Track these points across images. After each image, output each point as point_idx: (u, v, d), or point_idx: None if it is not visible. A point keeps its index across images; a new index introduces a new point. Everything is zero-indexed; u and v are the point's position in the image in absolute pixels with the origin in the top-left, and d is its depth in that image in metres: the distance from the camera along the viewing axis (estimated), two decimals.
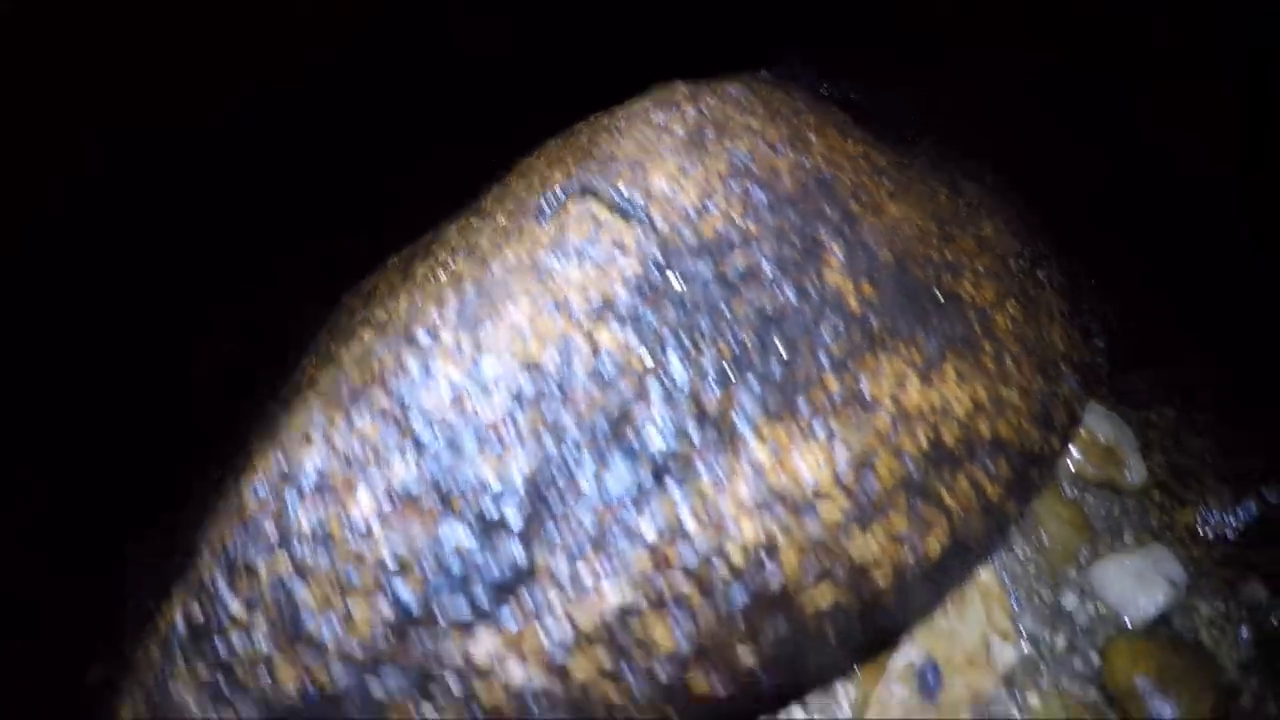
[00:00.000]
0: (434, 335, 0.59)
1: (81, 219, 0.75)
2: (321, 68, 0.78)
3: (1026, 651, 0.85)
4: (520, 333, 0.59)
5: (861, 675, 0.83)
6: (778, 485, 0.55)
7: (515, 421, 0.56)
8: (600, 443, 0.55)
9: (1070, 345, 0.92)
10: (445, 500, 0.55)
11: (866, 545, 0.58)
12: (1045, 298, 0.94)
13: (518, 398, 0.56)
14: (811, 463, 0.57)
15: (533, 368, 0.57)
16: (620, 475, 0.54)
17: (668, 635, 0.54)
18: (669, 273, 0.61)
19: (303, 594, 0.56)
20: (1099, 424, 0.97)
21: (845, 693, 0.83)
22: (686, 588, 0.53)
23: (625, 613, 0.53)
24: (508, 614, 0.52)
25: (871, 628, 0.61)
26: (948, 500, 0.64)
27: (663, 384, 0.57)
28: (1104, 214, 1.19)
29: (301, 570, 0.55)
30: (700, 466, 0.55)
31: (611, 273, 0.61)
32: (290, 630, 0.55)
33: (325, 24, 0.80)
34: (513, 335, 0.59)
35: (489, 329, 0.60)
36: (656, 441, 0.55)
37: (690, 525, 0.53)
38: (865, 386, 0.62)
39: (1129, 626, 0.90)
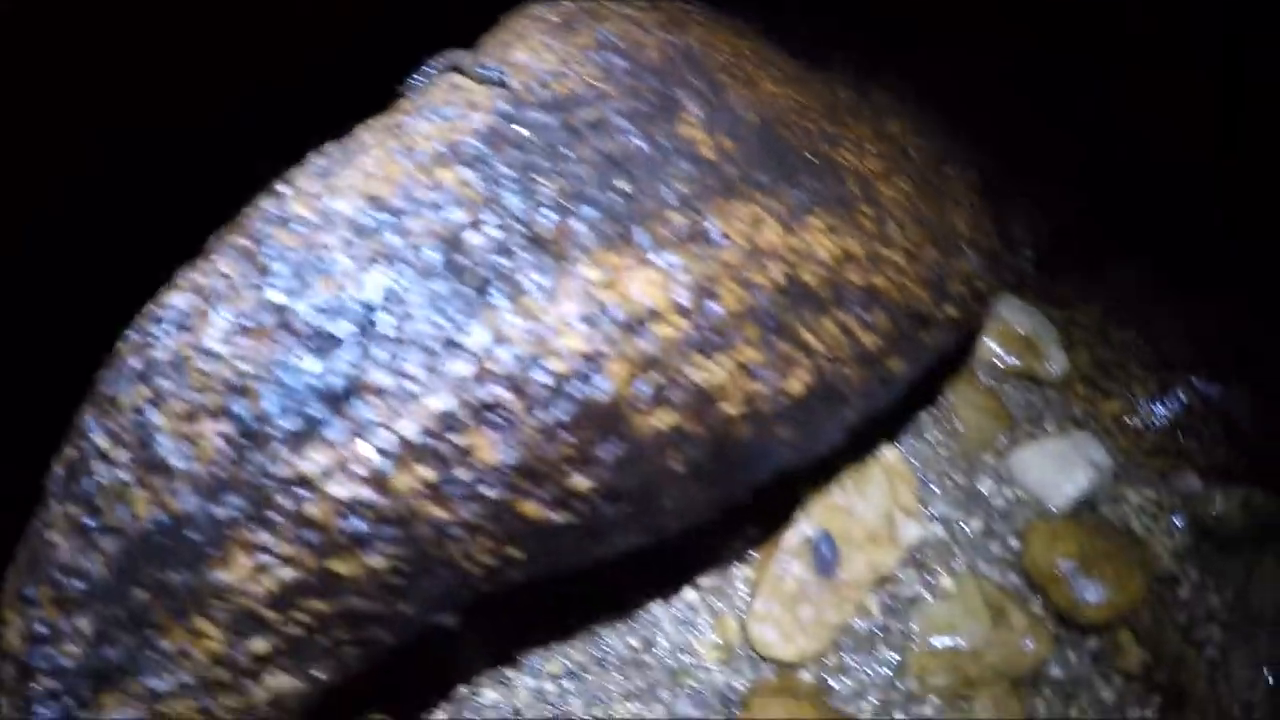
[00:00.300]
0: (292, 184, 0.63)
1: (81, 218, 0.78)
2: (321, 67, 0.81)
3: (938, 533, 0.82)
4: (368, 175, 0.62)
5: (759, 556, 0.82)
6: (607, 303, 0.55)
7: (353, 249, 0.58)
8: (431, 265, 0.56)
9: (977, 232, 0.90)
10: (285, 323, 0.56)
11: (711, 372, 0.58)
12: (952, 188, 0.93)
13: (358, 229, 0.58)
14: (646, 286, 0.57)
15: (375, 202, 0.59)
16: (448, 293, 0.55)
17: (489, 447, 0.53)
18: (516, 125, 0.63)
19: (157, 420, 0.56)
20: (1016, 316, 0.95)
21: (740, 574, 0.81)
22: (507, 396, 0.53)
23: (446, 421, 0.53)
24: (336, 427, 0.53)
25: (726, 463, 0.60)
26: (810, 340, 0.63)
27: (496, 213, 0.58)
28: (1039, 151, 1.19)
29: (157, 397, 0.56)
30: (528, 285, 0.55)
31: (461, 125, 0.63)
32: (145, 458, 0.56)
33: (325, 24, 0.82)
34: (361, 178, 0.62)
35: (340, 176, 0.62)
36: (485, 263, 0.56)
37: (512, 336, 0.53)
38: (714, 225, 0.62)
39: (1051, 511, 0.86)
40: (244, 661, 0.59)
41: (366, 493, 0.54)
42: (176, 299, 0.63)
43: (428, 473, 0.53)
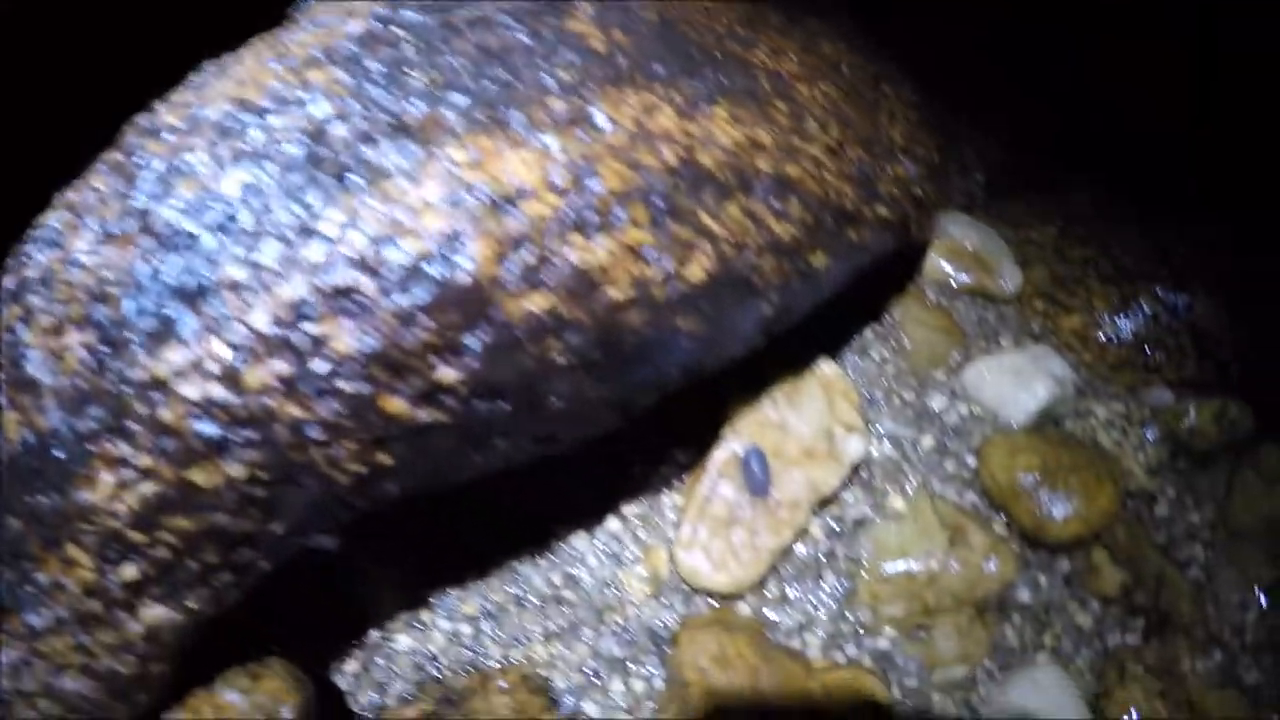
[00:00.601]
0: (167, 100, 0.61)
1: None
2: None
3: (887, 452, 0.76)
4: (240, 83, 0.59)
5: (688, 482, 0.76)
6: (473, 182, 0.51)
7: (217, 150, 0.55)
8: (292, 158, 0.53)
9: (914, 143, 0.86)
10: (147, 228, 0.53)
11: (592, 253, 0.54)
12: (888, 103, 0.89)
13: (222, 132, 0.55)
14: (518, 166, 0.53)
15: (241, 105, 0.56)
16: (306, 183, 0.52)
17: (345, 335, 0.48)
18: (392, 26, 0.60)
19: (26, 337, 0.53)
20: (965, 233, 0.90)
21: (669, 501, 0.76)
22: (361, 279, 0.49)
23: (299, 310, 0.49)
24: (190, 325, 0.49)
25: (618, 355, 0.55)
26: (711, 225, 0.59)
27: (363, 106, 0.55)
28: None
29: (27, 314, 0.54)
30: (390, 169, 0.51)
31: (337, 30, 0.61)
32: (16, 377, 0.53)
33: None
34: (233, 85, 0.59)
35: (213, 86, 0.60)
36: (348, 152, 0.53)
37: (368, 219, 0.50)
38: (600, 110, 0.58)
39: (1010, 426, 0.80)
40: (116, 591, 0.54)
41: (219, 391, 0.49)
42: (51, 218, 0.60)
43: (282, 366, 0.49)
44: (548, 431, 0.56)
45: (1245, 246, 0.91)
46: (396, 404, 0.51)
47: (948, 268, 0.88)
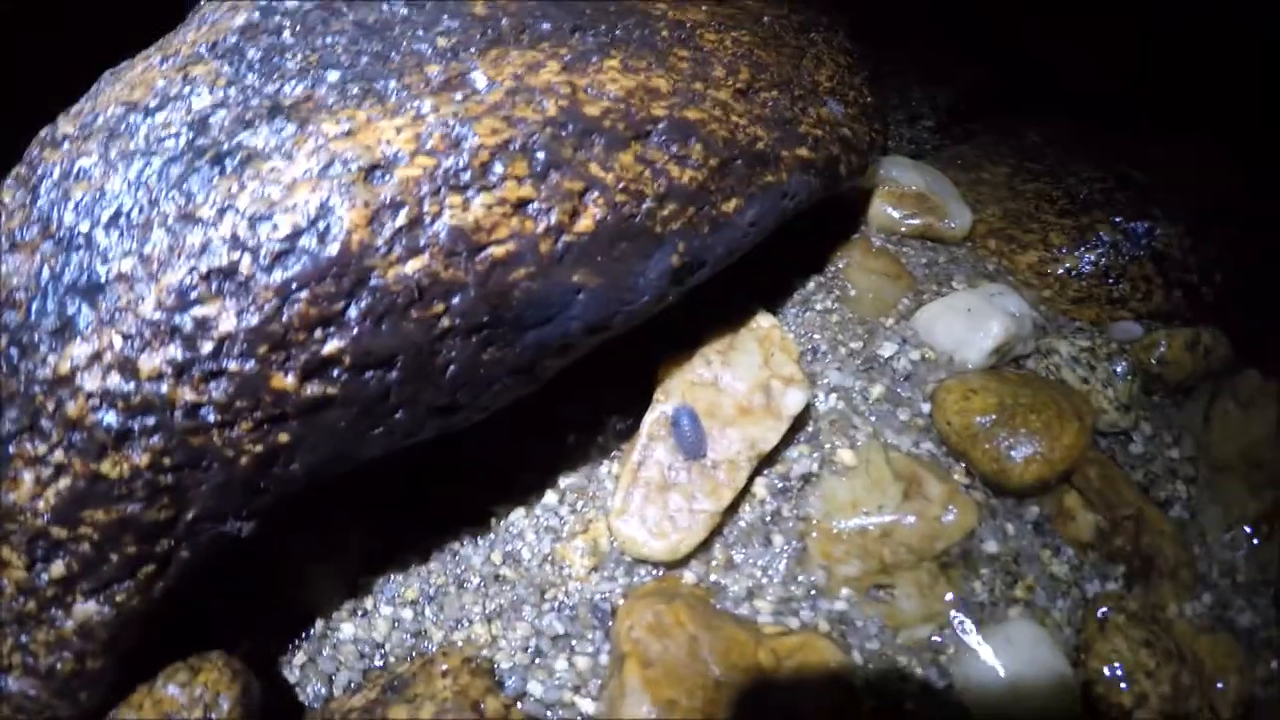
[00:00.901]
0: (66, 112, 0.63)
1: None
2: None
3: (833, 404, 0.73)
4: (130, 85, 0.60)
5: (625, 449, 0.74)
6: (344, 153, 0.50)
7: (107, 153, 0.55)
8: (174, 150, 0.53)
9: (842, 85, 0.83)
10: (48, 232, 0.54)
11: (469, 211, 0.52)
12: (814, 49, 0.86)
13: (112, 134, 0.56)
14: (389, 133, 0.51)
15: (130, 107, 0.57)
16: (187, 172, 0.52)
17: (227, 315, 0.48)
18: (273, 15, 0.60)
19: None
20: (908, 176, 0.87)
21: (606, 470, 0.73)
22: (238, 258, 0.48)
23: (183, 295, 0.48)
24: (88, 321, 0.50)
25: (509, 315, 0.53)
26: (599, 174, 0.57)
27: (242, 91, 0.55)
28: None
29: None
30: (265, 150, 0.51)
31: (221, 25, 0.61)
32: None
33: None
34: (122, 88, 0.60)
35: (106, 93, 0.61)
36: (225, 137, 0.52)
37: (244, 200, 0.49)
38: (478, 71, 0.56)
39: (965, 368, 0.76)
40: (47, 589, 0.54)
41: (117, 381, 0.49)
42: None
43: (172, 351, 0.48)
44: (447, 400, 0.55)
45: (1206, 168, 0.86)
46: (285, 380, 0.50)
47: (893, 213, 0.85)
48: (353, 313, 0.49)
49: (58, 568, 0.54)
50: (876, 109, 0.85)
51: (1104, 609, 0.70)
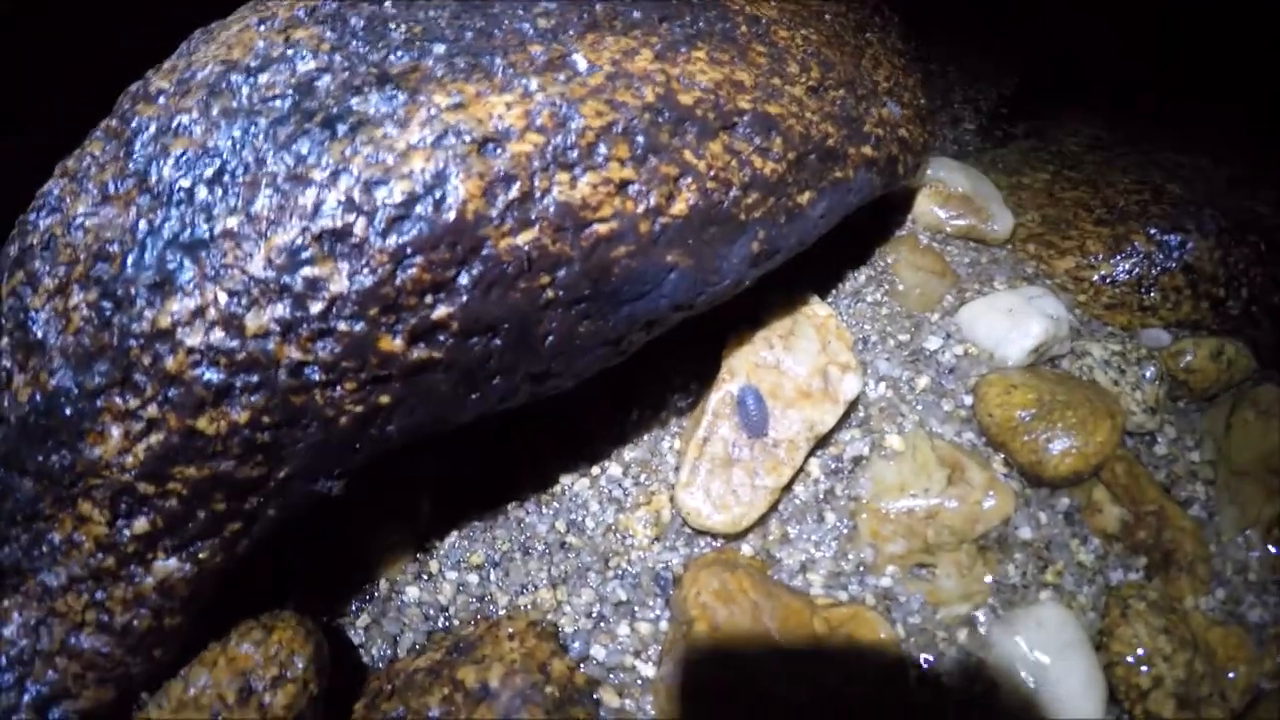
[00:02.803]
0: (158, 68, 0.63)
1: None
2: None
3: (883, 392, 0.77)
4: (226, 45, 0.60)
5: (687, 426, 0.77)
6: (456, 125, 0.52)
7: (209, 110, 0.56)
8: (282, 111, 0.54)
9: (899, 87, 0.86)
10: (144, 186, 0.54)
11: (575, 188, 0.54)
12: (871, 50, 0.89)
13: (214, 91, 0.57)
14: (500, 108, 0.54)
15: (230, 66, 0.57)
16: (298, 135, 0.53)
17: (339, 276, 0.49)
18: None
19: (30, 300, 0.55)
20: (955, 178, 0.90)
21: (669, 445, 0.76)
22: (353, 220, 0.50)
23: (294, 254, 0.50)
24: (190, 276, 0.51)
25: (607, 289, 0.56)
26: (694, 161, 0.59)
27: (347, 58, 0.56)
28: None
29: (30, 278, 0.56)
30: (376, 116, 0.52)
31: None
32: (23, 340, 0.55)
33: None
34: (220, 48, 0.60)
35: (201, 50, 0.61)
36: (333, 102, 0.54)
37: (357, 165, 0.50)
38: (579, 55, 0.58)
39: (1005, 364, 0.80)
40: (129, 545, 0.56)
41: (221, 337, 0.50)
42: (51, 186, 0.62)
43: (280, 310, 0.50)
44: (542, 368, 0.57)
45: (1236, 181, 0.91)
46: (392, 342, 0.52)
47: (940, 212, 0.88)
48: (464, 280, 0.51)
49: (141, 524, 0.55)
50: (928, 111, 0.88)
51: (1126, 596, 0.75)
